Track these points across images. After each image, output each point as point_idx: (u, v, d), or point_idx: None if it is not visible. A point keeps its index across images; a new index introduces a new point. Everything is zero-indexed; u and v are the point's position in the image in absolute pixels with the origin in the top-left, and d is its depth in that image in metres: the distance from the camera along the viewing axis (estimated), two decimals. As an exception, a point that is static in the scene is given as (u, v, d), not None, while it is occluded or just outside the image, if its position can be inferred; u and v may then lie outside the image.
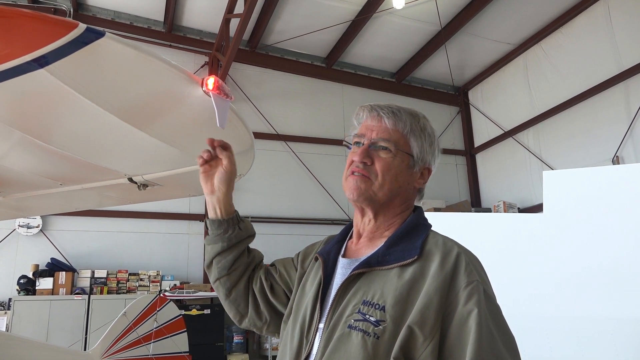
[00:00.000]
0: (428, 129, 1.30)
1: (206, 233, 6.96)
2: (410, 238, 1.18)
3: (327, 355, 1.07)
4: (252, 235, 1.50)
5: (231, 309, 1.49)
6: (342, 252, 1.30)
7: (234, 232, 1.44)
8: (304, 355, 1.14)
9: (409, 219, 1.25)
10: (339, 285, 1.17)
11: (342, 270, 1.23)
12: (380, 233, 1.25)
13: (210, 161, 1.43)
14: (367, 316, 1.07)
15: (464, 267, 1.08)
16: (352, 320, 1.09)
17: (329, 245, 1.34)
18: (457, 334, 1.00)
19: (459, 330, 1.01)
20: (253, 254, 1.52)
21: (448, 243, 1.16)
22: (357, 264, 1.19)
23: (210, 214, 1.47)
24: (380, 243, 1.21)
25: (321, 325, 1.15)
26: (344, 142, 1.34)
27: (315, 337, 1.14)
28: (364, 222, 1.28)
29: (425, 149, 1.27)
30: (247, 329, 1.52)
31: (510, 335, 1.04)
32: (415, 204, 1.33)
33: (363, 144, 1.26)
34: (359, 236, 1.29)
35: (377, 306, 1.07)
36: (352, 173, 1.25)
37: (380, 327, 1.05)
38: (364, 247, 1.26)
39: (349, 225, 1.37)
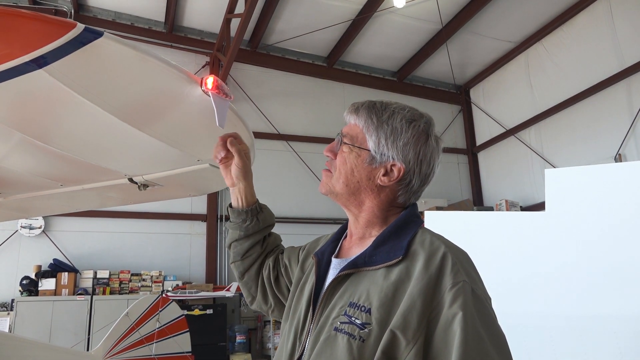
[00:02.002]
0: (396, 123, 1.19)
1: (210, 231, 6.93)
2: (399, 237, 1.15)
3: (313, 358, 1.06)
4: (270, 226, 1.58)
5: (244, 290, 1.58)
6: (335, 252, 1.29)
7: (251, 222, 1.52)
8: (296, 356, 1.14)
9: (399, 216, 1.21)
10: (326, 287, 1.16)
11: (333, 270, 1.22)
12: (369, 232, 1.23)
13: (226, 158, 1.49)
14: (353, 319, 1.05)
15: (450, 267, 1.03)
16: (338, 323, 1.07)
17: (325, 245, 1.33)
18: (442, 337, 0.97)
19: (444, 334, 0.97)
20: (268, 241, 1.58)
21: (435, 242, 1.11)
22: (344, 264, 1.18)
23: (233, 202, 1.54)
24: (369, 242, 1.19)
25: (312, 327, 1.15)
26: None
27: (307, 339, 1.14)
28: (351, 220, 1.28)
29: (384, 143, 1.19)
30: (257, 310, 1.61)
31: (499, 335, 1.00)
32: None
33: None
34: (351, 234, 1.29)
35: (362, 308, 1.05)
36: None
37: (365, 330, 1.02)
38: (354, 247, 1.25)
39: (345, 224, 1.36)
